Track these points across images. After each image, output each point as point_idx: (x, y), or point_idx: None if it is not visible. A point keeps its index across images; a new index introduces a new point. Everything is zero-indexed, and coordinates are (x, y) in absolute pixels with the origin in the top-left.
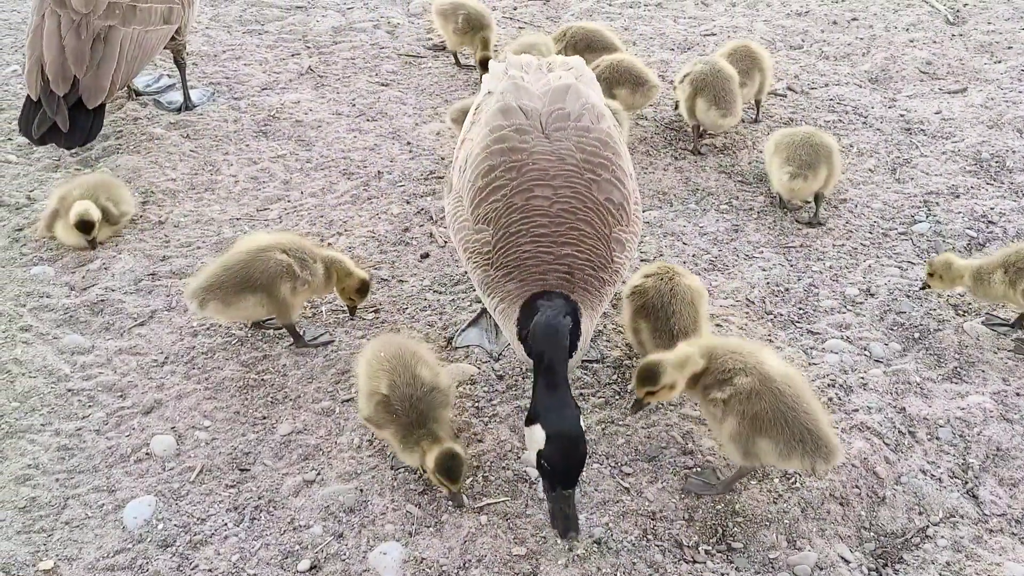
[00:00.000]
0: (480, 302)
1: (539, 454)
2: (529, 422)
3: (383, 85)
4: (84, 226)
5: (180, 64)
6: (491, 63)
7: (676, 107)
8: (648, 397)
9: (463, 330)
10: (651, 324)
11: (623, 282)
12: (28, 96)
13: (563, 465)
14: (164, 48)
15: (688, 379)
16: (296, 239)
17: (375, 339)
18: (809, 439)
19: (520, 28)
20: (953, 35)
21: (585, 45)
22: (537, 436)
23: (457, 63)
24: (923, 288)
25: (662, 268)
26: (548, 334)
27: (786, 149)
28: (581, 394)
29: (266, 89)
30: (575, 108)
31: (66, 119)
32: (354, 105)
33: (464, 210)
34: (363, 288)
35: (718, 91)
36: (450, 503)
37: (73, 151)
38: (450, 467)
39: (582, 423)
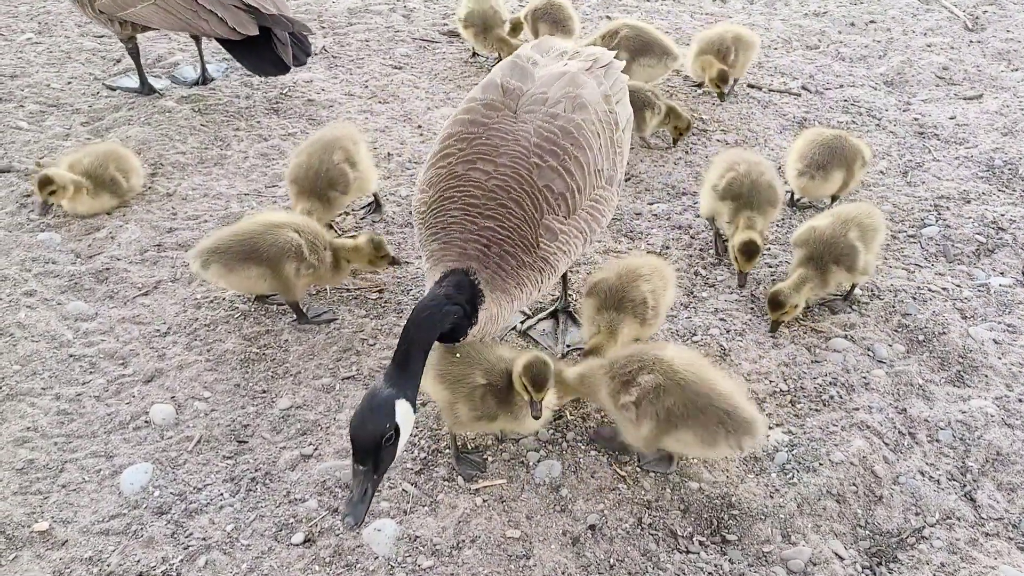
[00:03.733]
0: None
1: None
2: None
3: (396, 68)
4: (43, 183)
5: (197, 37)
6: (523, 46)
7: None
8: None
9: None
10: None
11: (558, 274)
12: (235, 42)
13: (351, 433)
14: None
15: (594, 390)
16: (314, 224)
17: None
18: (729, 420)
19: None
20: (971, 41)
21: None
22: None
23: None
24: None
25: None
26: (421, 320)
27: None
28: None
29: None
30: (556, 94)
31: (303, 25)
32: (366, 87)
33: (422, 173)
34: (378, 244)
35: (655, 47)
36: (459, 475)
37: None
38: (537, 373)
39: (398, 408)
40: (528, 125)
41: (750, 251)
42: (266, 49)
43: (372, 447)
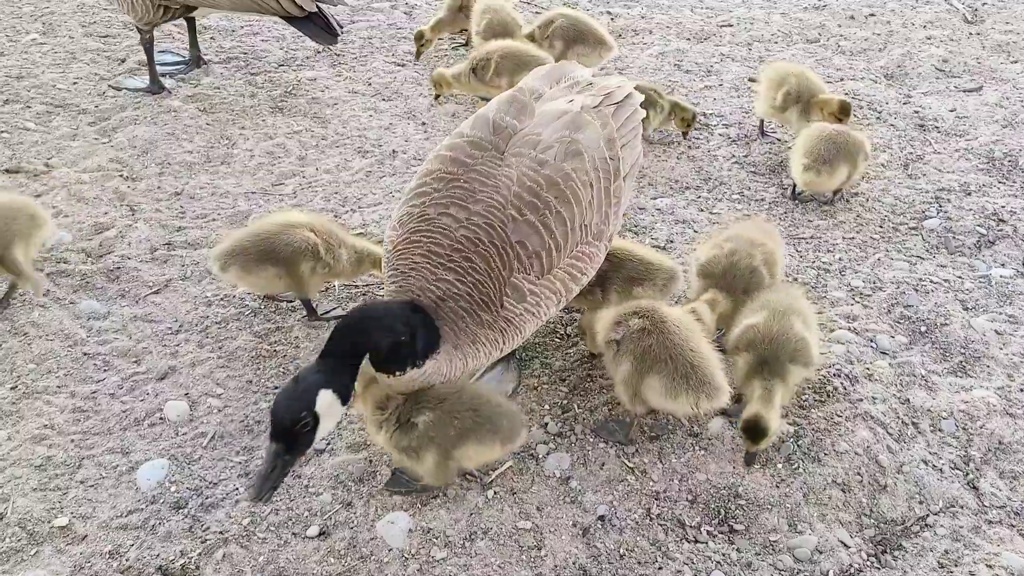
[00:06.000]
0: None
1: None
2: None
3: (399, 65)
4: None
5: (193, 26)
6: (532, 73)
7: None
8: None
9: None
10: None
11: (523, 336)
12: (297, 18)
13: (271, 410)
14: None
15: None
16: (329, 224)
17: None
18: (694, 375)
19: (536, 13)
20: (970, 33)
21: None
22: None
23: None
24: None
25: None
26: (370, 317)
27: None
28: (589, 375)
29: (283, 65)
30: (550, 138)
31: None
32: (370, 84)
33: (397, 209)
34: None
35: (589, 37)
36: (458, 479)
37: None
38: None
39: (321, 397)
40: (512, 171)
41: (755, 431)
42: (319, 20)
43: (286, 429)
